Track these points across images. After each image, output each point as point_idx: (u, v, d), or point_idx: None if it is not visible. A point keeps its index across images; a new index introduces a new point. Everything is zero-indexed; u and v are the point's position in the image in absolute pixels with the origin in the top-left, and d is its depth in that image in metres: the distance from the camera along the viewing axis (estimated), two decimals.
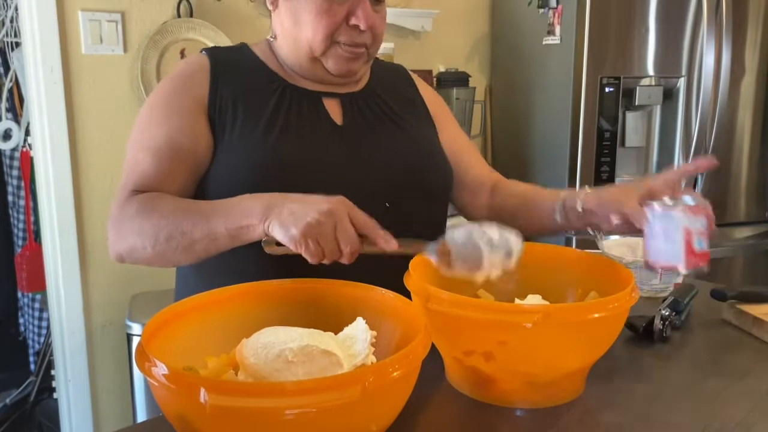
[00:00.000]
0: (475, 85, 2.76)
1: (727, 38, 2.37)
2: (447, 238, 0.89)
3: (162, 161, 1.00)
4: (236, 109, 1.04)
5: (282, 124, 1.04)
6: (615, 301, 0.79)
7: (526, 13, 2.62)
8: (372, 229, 0.84)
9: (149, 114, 1.04)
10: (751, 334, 1.06)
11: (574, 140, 2.41)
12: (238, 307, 0.84)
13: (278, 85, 1.08)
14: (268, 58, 1.12)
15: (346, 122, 1.09)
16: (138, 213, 0.94)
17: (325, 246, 0.82)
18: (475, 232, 0.88)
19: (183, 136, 1.01)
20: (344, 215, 0.83)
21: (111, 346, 2.16)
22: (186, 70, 1.07)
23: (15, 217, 2.67)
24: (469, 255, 0.88)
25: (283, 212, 0.84)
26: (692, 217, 0.90)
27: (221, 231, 0.89)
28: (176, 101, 1.03)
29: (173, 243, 0.91)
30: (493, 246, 0.87)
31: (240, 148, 1.02)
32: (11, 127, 2.55)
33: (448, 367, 0.90)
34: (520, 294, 0.96)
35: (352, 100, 1.12)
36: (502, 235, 0.88)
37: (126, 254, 0.96)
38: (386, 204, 1.05)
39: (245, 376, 0.72)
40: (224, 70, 1.07)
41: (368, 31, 1.05)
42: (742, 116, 2.50)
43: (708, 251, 0.92)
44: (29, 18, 1.93)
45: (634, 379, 0.91)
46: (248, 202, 0.88)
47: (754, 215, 2.62)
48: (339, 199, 0.84)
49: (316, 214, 0.81)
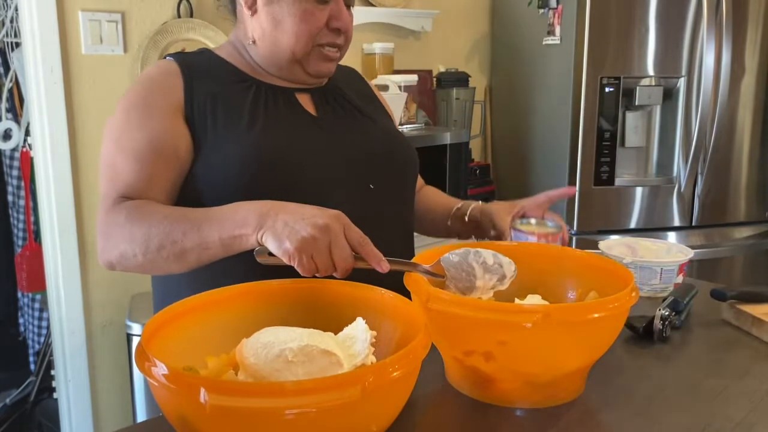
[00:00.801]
0: (475, 85, 2.77)
1: (727, 38, 2.37)
2: (442, 260, 0.90)
3: (144, 164, 1.00)
4: (215, 108, 1.04)
5: (264, 119, 1.06)
6: (615, 301, 0.79)
7: (526, 13, 2.63)
8: (365, 248, 0.84)
9: (125, 117, 1.03)
10: (751, 334, 1.06)
11: (574, 140, 2.41)
12: (238, 307, 0.84)
13: (251, 83, 1.10)
14: (235, 60, 1.13)
15: (320, 114, 1.13)
16: (127, 220, 0.94)
17: (319, 262, 0.82)
18: (471, 254, 0.90)
19: (164, 138, 1.01)
20: (340, 232, 0.83)
21: (111, 346, 2.16)
22: (157, 74, 1.07)
23: (15, 217, 2.68)
24: (462, 278, 0.89)
25: (278, 223, 0.84)
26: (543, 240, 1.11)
27: (214, 240, 0.89)
28: (152, 103, 1.03)
29: (164, 252, 0.91)
30: (487, 270, 0.90)
31: (227, 146, 1.02)
32: (11, 127, 2.55)
33: (448, 367, 0.90)
34: (520, 294, 0.96)
35: (321, 95, 1.16)
36: (496, 260, 0.91)
37: (116, 261, 0.96)
38: (370, 186, 1.08)
39: (245, 376, 0.72)
40: (195, 72, 1.07)
41: (343, 34, 1.11)
42: (742, 116, 2.50)
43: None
44: (29, 18, 1.93)
45: (634, 379, 0.91)
46: (243, 212, 0.88)
47: (754, 215, 2.62)
48: (335, 214, 0.84)
49: (312, 230, 0.81)
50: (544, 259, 1.00)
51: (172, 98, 1.03)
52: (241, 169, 1.00)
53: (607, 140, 2.38)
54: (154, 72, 1.07)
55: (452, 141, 2.33)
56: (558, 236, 1.11)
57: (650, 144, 2.53)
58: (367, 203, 1.06)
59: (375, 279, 0.86)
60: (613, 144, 2.39)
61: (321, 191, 1.01)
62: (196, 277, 1.00)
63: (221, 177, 1.01)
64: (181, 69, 1.07)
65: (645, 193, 2.46)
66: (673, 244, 1.32)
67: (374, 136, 1.16)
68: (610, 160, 2.40)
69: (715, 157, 2.47)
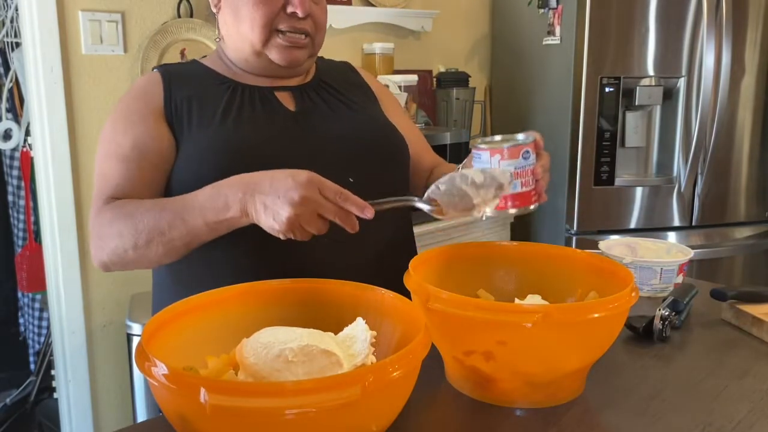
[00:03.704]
0: (475, 85, 2.77)
1: (727, 38, 2.37)
2: (430, 192, 0.89)
3: (130, 165, 1.03)
4: (191, 107, 1.07)
5: (237, 114, 1.07)
6: (615, 301, 0.79)
7: (526, 13, 2.63)
8: (347, 202, 0.85)
9: (112, 127, 1.07)
10: (751, 333, 1.06)
11: (574, 140, 2.41)
12: (238, 307, 0.84)
13: (229, 85, 1.12)
14: (217, 66, 1.16)
15: (299, 108, 1.13)
16: (115, 218, 0.96)
17: (313, 228, 0.85)
18: (458, 179, 0.88)
19: (147, 138, 1.04)
20: (317, 197, 0.84)
21: (111, 346, 2.16)
22: (141, 85, 1.11)
23: (15, 217, 2.67)
24: (457, 202, 0.88)
25: (258, 206, 0.86)
26: (499, 158, 0.88)
27: (200, 226, 0.92)
28: (136, 110, 1.07)
29: (153, 245, 0.94)
30: (480, 186, 0.88)
31: (198, 139, 1.04)
32: (11, 127, 2.55)
33: (448, 367, 0.90)
34: (520, 294, 0.96)
35: (302, 91, 1.15)
36: (486, 174, 0.88)
37: (108, 260, 0.98)
38: (350, 179, 1.06)
39: (245, 376, 0.72)
40: (175, 79, 1.11)
41: (309, 19, 1.09)
42: (742, 116, 2.50)
43: (524, 193, 0.91)
44: (29, 18, 1.92)
45: (634, 379, 0.91)
46: (221, 197, 0.90)
47: (754, 215, 2.62)
48: (306, 180, 0.84)
49: (291, 208, 0.83)
50: (544, 259, 1.00)
51: (153, 104, 1.07)
52: (212, 161, 1.01)
53: (607, 140, 2.38)
54: (139, 84, 1.12)
55: (452, 141, 2.33)
56: (520, 149, 0.89)
57: (650, 144, 2.53)
58: None
59: (375, 279, 0.86)
60: (613, 144, 2.39)
61: None
62: (196, 277, 1.01)
63: (193, 173, 1.02)
64: (163, 77, 1.11)
65: (645, 193, 2.46)
66: (673, 244, 1.32)
67: (354, 126, 1.14)
68: (610, 160, 2.40)
69: (715, 157, 2.47)
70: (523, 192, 0.90)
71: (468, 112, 2.68)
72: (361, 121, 1.16)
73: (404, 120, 1.29)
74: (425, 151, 1.30)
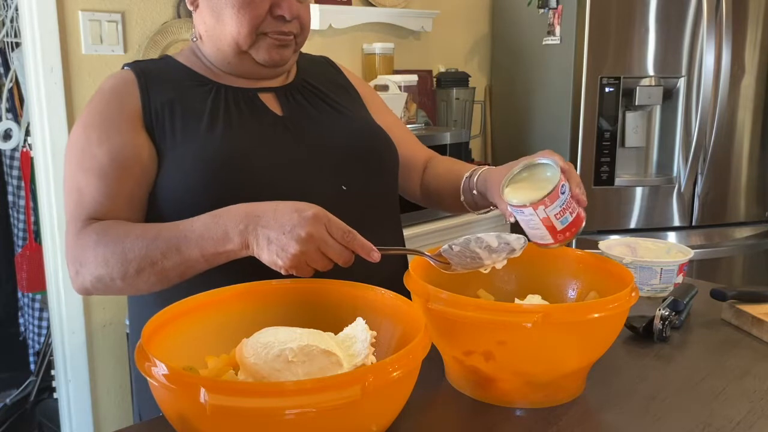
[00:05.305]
0: (475, 85, 2.77)
1: (727, 38, 2.37)
2: (443, 251, 0.89)
3: (109, 180, 0.97)
4: (173, 114, 1.01)
5: (224, 121, 1.02)
6: (615, 301, 0.79)
7: (526, 13, 2.63)
8: (353, 243, 0.83)
9: (84, 134, 1.00)
10: (751, 333, 1.06)
11: (574, 140, 2.41)
12: (238, 307, 0.84)
13: (210, 87, 1.06)
14: (193, 64, 1.09)
15: (286, 112, 1.08)
16: (98, 243, 0.91)
17: (317, 266, 0.82)
18: (473, 242, 0.89)
19: (125, 151, 0.98)
20: (324, 235, 0.81)
21: (111, 346, 2.16)
22: (113, 86, 1.03)
23: (15, 217, 2.67)
24: (468, 263, 0.89)
25: (261, 240, 0.83)
26: (543, 208, 0.89)
27: (196, 258, 0.87)
28: (110, 117, 1.00)
29: (144, 275, 0.89)
30: (493, 251, 0.88)
31: (185, 149, 0.99)
32: (11, 127, 2.55)
33: (448, 367, 0.90)
34: (520, 294, 0.96)
35: (286, 92, 1.11)
36: (501, 240, 0.89)
37: (92, 287, 0.93)
38: (343, 187, 1.03)
39: (245, 376, 0.72)
40: (151, 79, 1.04)
41: (295, 21, 1.05)
42: (742, 116, 2.50)
43: (575, 218, 0.92)
44: (29, 18, 1.92)
45: (634, 379, 0.91)
46: (220, 228, 0.86)
47: (754, 215, 2.62)
48: (313, 216, 0.81)
49: (297, 245, 0.80)
50: (544, 259, 1.00)
51: (129, 109, 1.00)
52: (201, 175, 0.96)
53: (607, 140, 2.38)
54: (109, 84, 1.04)
55: (452, 141, 2.33)
56: (557, 189, 0.88)
57: (650, 144, 2.53)
58: (343, 206, 0.94)
59: (375, 279, 0.86)
60: (613, 144, 2.39)
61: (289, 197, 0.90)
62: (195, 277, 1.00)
63: (182, 185, 0.97)
64: (137, 77, 1.03)
65: (645, 193, 2.46)
66: (673, 244, 1.32)
67: (344, 132, 1.10)
68: (610, 160, 2.40)
69: (715, 157, 2.47)
70: (574, 219, 0.92)
71: (468, 112, 2.68)
72: (351, 127, 1.12)
73: (390, 118, 1.26)
74: (416, 147, 1.28)
